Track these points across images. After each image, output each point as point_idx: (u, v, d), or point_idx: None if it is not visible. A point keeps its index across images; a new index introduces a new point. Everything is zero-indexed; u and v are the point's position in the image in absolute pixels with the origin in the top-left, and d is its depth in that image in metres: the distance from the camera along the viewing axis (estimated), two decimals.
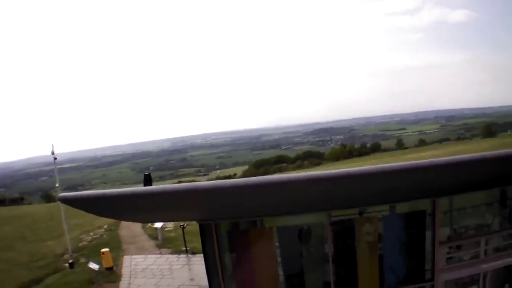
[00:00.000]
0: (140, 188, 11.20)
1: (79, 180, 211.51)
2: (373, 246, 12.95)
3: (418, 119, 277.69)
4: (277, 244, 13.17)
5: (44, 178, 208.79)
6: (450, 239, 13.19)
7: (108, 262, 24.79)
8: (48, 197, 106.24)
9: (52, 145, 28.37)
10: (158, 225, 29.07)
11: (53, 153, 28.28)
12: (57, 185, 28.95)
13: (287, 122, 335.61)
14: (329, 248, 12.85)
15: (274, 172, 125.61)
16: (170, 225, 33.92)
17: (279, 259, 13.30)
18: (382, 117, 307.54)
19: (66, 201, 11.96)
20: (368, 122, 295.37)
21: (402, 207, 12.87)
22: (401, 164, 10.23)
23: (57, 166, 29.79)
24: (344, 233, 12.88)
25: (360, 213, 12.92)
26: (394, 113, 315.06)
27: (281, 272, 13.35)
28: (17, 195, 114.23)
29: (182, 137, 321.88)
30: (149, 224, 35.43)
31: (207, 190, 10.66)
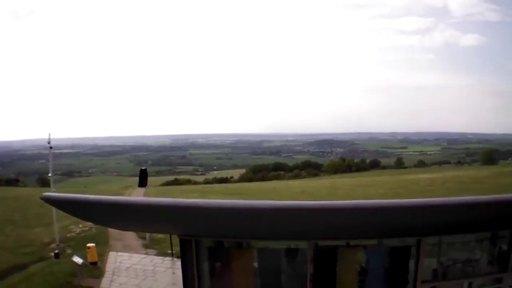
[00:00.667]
0: (124, 198, 11.23)
1: (76, 167, 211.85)
2: (355, 273, 12.78)
3: (421, 139, 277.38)
4: (257, 262, 13.09)
5: (42, 161, 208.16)
6: (436, 272, 13.01)
7: (93, 257, 24.77)
8: (43, 181, 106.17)
9: (49, 133, 28.45)
10: None
11: (49, 142, 28.27)
12: (50, 174, 28.89)
13: (289, 130, 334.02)
14: (308, 269, 12.63)
15: (271, 178, 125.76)
16: None
17: (258, 276, 13.20)
18: (385, 134, 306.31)
19: (50, 201, 11.86)
20: (371, 137, 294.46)
21: (388, 241, 12.76)
22: (388, 202, 10.26)
23: (56, 151, 29.66)
24: (327, 258, 12.67)
25: (347, 243, 12.83)
26: (397, 131, 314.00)
27: None
28: (13, 176, 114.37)
29: (183, 135, 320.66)
30: None
31: (189, 208, 10.59)
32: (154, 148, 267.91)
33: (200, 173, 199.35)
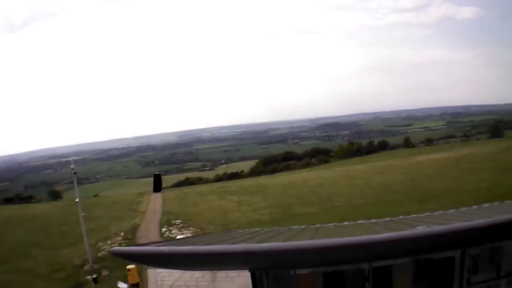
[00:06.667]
0: (196, 247, 11.40)
1: (84, 174, 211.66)
2: None
3: (425, 115, 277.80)
4: (322, 285, 12.94)
5: (49, 171, 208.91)
6: None
7: (134, 279, 24.43)
8: (54, 194, 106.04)
9: (72, 160, 28.94)
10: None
11: (73, 169, 28.74)
12: (77, 200, 28.74)
13: (293, 116, 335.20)
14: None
15: (282, 169, 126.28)
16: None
17: None
18: (389, 112, 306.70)
19: (119, 255, 12.39)
20: (375, 117, 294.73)
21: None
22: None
23: (62, 160, 30.30)
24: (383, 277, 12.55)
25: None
26: (400, 108, 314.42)
27: None
28: (24, 193, 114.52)
29: (188, 131, 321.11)
30: (167, 234, 35.42)
31: (264, 252, 10.96)
32: (159, 147, 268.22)
33: (209, 168, 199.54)
